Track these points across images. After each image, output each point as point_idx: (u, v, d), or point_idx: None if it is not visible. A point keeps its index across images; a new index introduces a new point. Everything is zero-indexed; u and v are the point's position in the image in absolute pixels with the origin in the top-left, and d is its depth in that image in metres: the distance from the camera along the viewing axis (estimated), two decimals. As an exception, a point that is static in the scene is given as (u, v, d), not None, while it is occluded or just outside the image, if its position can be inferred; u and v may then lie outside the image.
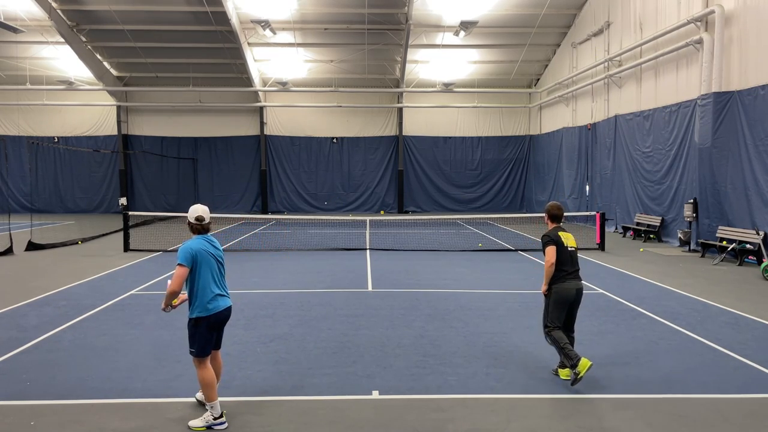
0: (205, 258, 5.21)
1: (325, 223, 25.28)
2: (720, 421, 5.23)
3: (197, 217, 5.33)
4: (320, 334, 7.96)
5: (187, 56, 28.66)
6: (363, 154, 32.88)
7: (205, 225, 5.38)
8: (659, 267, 13.86)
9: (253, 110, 32.18)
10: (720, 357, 7.02)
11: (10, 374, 6.39)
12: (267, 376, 6.35)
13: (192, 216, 5.35)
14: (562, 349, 5.92)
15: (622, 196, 21.59)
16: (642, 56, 19.96)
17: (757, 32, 14.38)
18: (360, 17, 25.43)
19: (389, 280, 12.08)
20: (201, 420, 5.11)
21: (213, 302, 5.21)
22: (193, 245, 5.22)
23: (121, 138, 31.90)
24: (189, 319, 5.23)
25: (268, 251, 16.75)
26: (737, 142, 15.06)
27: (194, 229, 5.37)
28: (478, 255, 15.99)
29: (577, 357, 5.80)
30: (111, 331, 8.12)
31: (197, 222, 5.34)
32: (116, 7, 24.51)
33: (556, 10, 24.91)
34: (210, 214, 5.45)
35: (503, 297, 10.45)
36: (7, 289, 11.09)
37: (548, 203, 6.55)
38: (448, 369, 6.57)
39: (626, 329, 8.28)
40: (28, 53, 27.88)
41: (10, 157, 30.95)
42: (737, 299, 10.20)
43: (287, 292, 10.90)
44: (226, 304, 5.34)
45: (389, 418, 5.31)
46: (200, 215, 5.33)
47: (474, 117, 32.83)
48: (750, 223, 14.44)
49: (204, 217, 5.35)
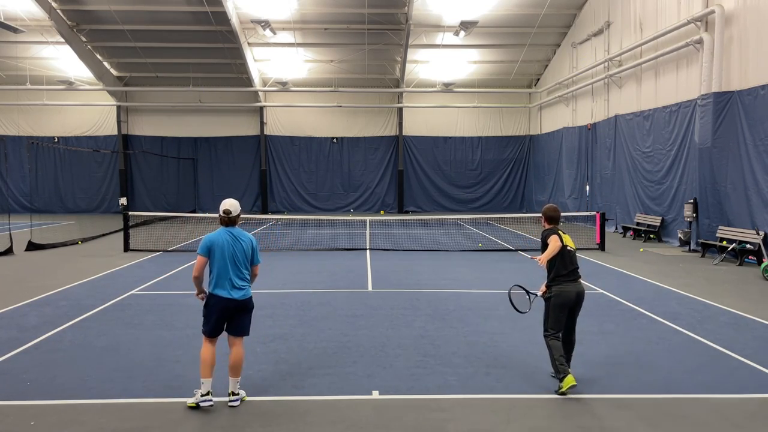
0: (220, 248, 5.58)
1: (325, 223, 25.28)
2: (720, 421, 5.23)
3: (224, 210, 5.71)
4: (320, 334, 7.96)
5: (187, 56, 28.65)
6: (363, 154, 32.87)
7: (232, 217, 5.73)
8: (659, 267, 13.86)
9: (253, 110, 32.18)
10: (720, 357, 7.02)
11: (10, 374, 6.39)
12: (267, 376, 6.35)
13: (221, 208, 5.75)
14: (555, 360, 5.89)
15: (622, 196, 21.59)
16: (642, 56, 19.95)
17: (757, 32, 14.38)
18: (360, 17, 25.42)
19: (389, 280, 12.07)
20: (194, 398, 5.53)
21: (220, 287, 5.56)
22: (212, 236, 5.66)
23: (121, 138, 31.90)
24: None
25: (268, 251, 16.74)
26: (737, 142, 15.05)
27: (222, 220, 5.75)
28: (478, 255, 15.99)
29: (565, 372, 5.77)
30: (111, 331, 8.12)
31: (224, 214, 5.71)
32: (116, 7, 24.50)
33: (556, 10, 24.90)
34: (239, 209, 5.79)
35: (503, 297, 10.38)
36: (7, 289, 11.09)
37: (545, 206, 6.50)
38: (448, 369, 6.57)
39: (626, 329, 8.28)
40: (28, 53, 27.88)
41: (10, 157, 30.93)
42: (737, 299, 10.20)
43: (287, 292, 10.90)
44: (228, 296, 5.54)
45: (389, 418, 5.31)
46: (227, 208, 5.71)
47: (474, 117, 32.82)
48: (750, 223, 14.44)
49: (230, 210, 5.71)
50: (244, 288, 5.64)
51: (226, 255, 5.56)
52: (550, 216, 6.32)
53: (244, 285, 5.66)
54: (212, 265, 5.61)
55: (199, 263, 5.61)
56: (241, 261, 5.63)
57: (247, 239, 5.74)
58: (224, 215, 5.70)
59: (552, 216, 6.32)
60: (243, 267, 5.65)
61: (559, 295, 5.99)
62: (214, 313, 5.56)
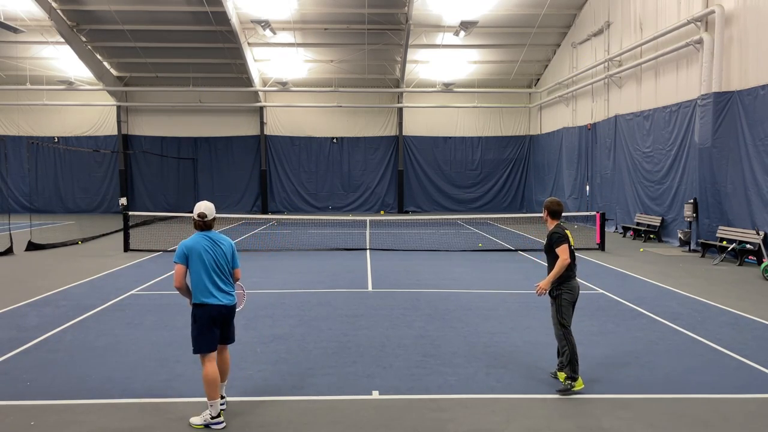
0: (200, 254, 5.28)
1: (325, 223, 25.28)
2: (720, 421, 5.23)
3: (199, 214, 5.39)
4: (320, 334, 7.96)
5: (187, 56, 28.65)
6: (363, 154, 32.87)
7: (208, 221, 5.42)
8: (659, 267, 13.86)
9: (253, 110, 32.18)
10: (720, 357, 7.02)
11: (10, 374, 6.39)
12: (267, 376, 6.35)
13: (195, 212, 5.41)
14: (575, 356, 5.87)
15: (622, 196, 21.59)
16: (642, 56, 19.95)
17: (757, 32, 14.38)
18: (360, 17, 25.42)
19: (389, 280, 12.07)
20: (200, 418, 5.17)
21: (208, 296, 5.27)
22: (187, 242, 5.33)
23: (121, 138, 31.89)
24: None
25: (268, 251, 16.75)
26: (737, 142, 15.05)
27: (196, 225, 5.43)
28: (478, 255, 15.99)
29: (578, 373, 5.88)
30: (111, 331, 8.12)
31: (200, 218, 5.40)
32: (116, 7, 24.50)
33: (556, 10, 24.90)
34: (215, 213, 5.49)
35: (503, 297, 10.45)
36: (7, 289, 11.09)
37: (547, 199, 6.26)
38: (448, 369, 6.57)
39: (626, 329, 8.28)
40: (28, 53, 27.88)
41: (10, 157, 30.93)
42: (737, 299, 10.20)
43: (287, 292, 10.90)
44: (218, 302, 5.28)
45: (389, 418, 5.31)
46: (202, 212, 5.39)
47: (474, 117, 32.82)
48: (750, 223, 14.44)
49: (206, 213, 5.40)
50: (231, 293, 5.41)
51: (208, 261, 5.27)
52: (553, 210, 6.11)
53: (231, 290, 5.42)
54: (193, 273, 5.29)
55: (178, 272, 5.25)
56: (223, 266, 5.36)
57: (228, 243, 5.49)
58: (199, 219, 5.38)
59: (556, 210, 6.10)
60: (227, 272, 5.41)
61: (571, 292, 5.97)
62: (208, 324, 5.25)
